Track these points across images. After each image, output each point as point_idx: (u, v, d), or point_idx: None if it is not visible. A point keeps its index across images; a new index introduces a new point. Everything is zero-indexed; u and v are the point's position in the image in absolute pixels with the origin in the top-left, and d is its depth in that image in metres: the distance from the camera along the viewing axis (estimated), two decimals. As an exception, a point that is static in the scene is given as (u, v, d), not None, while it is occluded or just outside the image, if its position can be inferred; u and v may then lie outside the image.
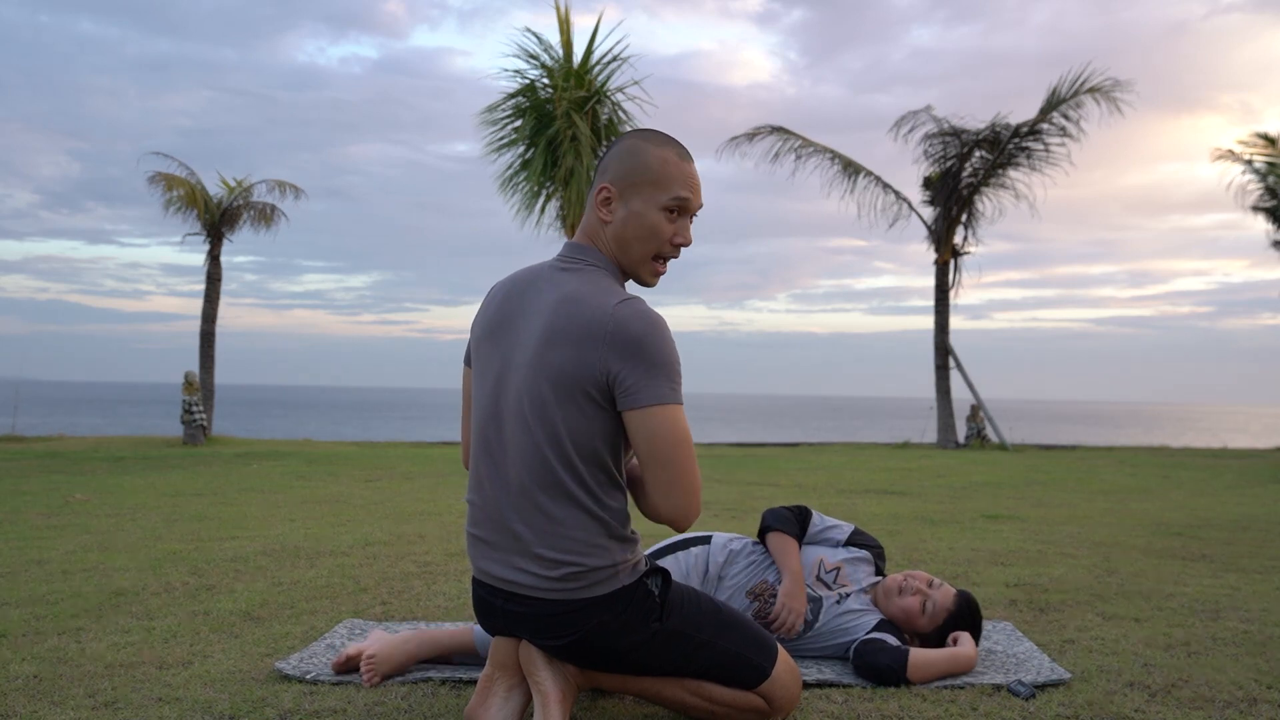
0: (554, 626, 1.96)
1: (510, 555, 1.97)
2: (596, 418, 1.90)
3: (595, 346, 1.87)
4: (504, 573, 1.98)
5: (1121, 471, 10.18)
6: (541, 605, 1.95)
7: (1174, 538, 5.03)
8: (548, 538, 1.92)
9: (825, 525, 2.89)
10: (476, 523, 2.05)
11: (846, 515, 5.83)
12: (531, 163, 14.90)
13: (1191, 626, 3.04)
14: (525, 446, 1.93)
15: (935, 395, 16.47)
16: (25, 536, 4.78)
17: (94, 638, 2.83)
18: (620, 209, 1.99)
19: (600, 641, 1.98)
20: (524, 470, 1.94)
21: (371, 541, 4.64)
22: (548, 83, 15.20)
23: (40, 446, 12.76)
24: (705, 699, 2.11)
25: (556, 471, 1.91)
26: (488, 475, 2.01)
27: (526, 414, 1.93)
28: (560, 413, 1.90)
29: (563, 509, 1.92)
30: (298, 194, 17.22)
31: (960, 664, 2.51)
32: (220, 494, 6.91)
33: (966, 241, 16.65)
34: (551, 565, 1.92)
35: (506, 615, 2.02)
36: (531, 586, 1.95)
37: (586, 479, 1.92)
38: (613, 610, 1.94)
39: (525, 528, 1.94)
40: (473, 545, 2.06)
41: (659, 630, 2.01)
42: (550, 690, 1.99)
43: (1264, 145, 16.45)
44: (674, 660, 2.06)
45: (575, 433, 1.90)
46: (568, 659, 2.04)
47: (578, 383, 1.88)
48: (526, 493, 1.94)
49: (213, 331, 16.69)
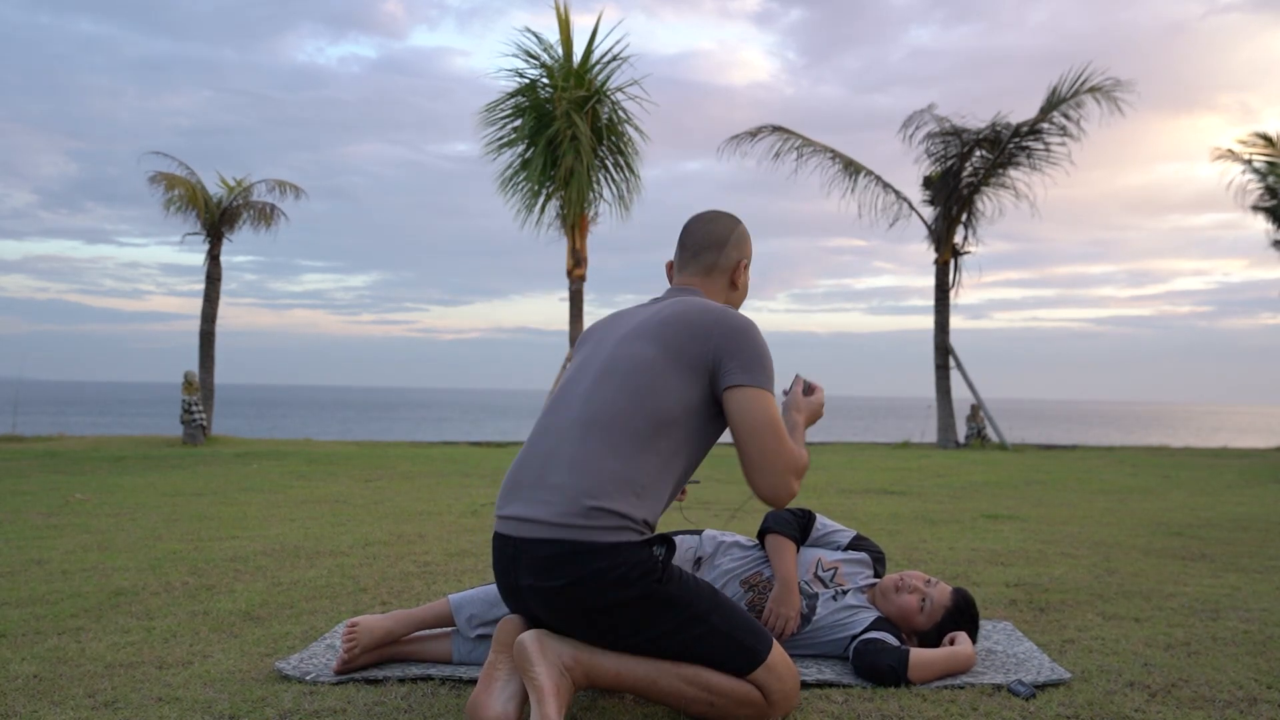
0: (555, 566, 2.02)
1: (538, 490, 2.08)
2: (692, 387, 2.11)
3: (709, 333, 2.13)
4: (525, 510, 2.08)
5: (1121, 471, 10.18)
6: (549, 546, 2.02)
7: (1174, 537, 5.03)
8: (582, 467, 2.05)
9: (827, 530, 2.89)
10: (518, 466, 2.17)
11: (846, 515, 5.83)
12: (531, 162, 14.88)
13: (1191, 626, 3.04)
14: (602, 392, 2.12)
15: (935, 395, 16.47)
16: (25, 536, 4.78)
17: (94, 637, 2.83)
18: (745, 277, 2.43)
19: (594, 592, 2.01)
20: (591, 410, 2.11)
21: (371, 541, 4.64)
22: (547, 82, 15.19)
23: (40, 446, 12.76)
24: (702, 688, 2.09)
25: (623, 417, 2.08)
26: (551, 423, 2.17)
27: (619, 368, 2.14)
28: (661, 369, 2.11)
29: (610, 449, 2.06)
30: (298, 194, 17.23)
31: (960, 663, 2.51)
32: (220, 494, 6.91)
33: (966, 241, 16.66)
34: (572, 498, 2.02)
35: (517, 564, 2.08)
36: (544, 522, 2.04)
37: (644, 437, 2.07)
38: (612, 559, 2.00)
39: (567, 460, 2.07)
40: (505, 490, 2.17)
41: (655, 592, 2.04)
42: (545, 684, 1.97)
43: (1263, 145, 16.46)
44: (666, 630, 2.06)
45: (665, 391, 2.10)
46: (564, 621, 2.06)
47: (686, 351, 2.12)
48: (585, 426, 2.09)
49: (212, 331, 16.69)
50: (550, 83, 15.13)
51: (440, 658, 2.60)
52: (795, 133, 16.17)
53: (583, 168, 14.62)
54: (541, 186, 15.12)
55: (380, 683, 2.42)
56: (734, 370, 2.10)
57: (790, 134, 16.15)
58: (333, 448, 13.83)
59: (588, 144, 14.61)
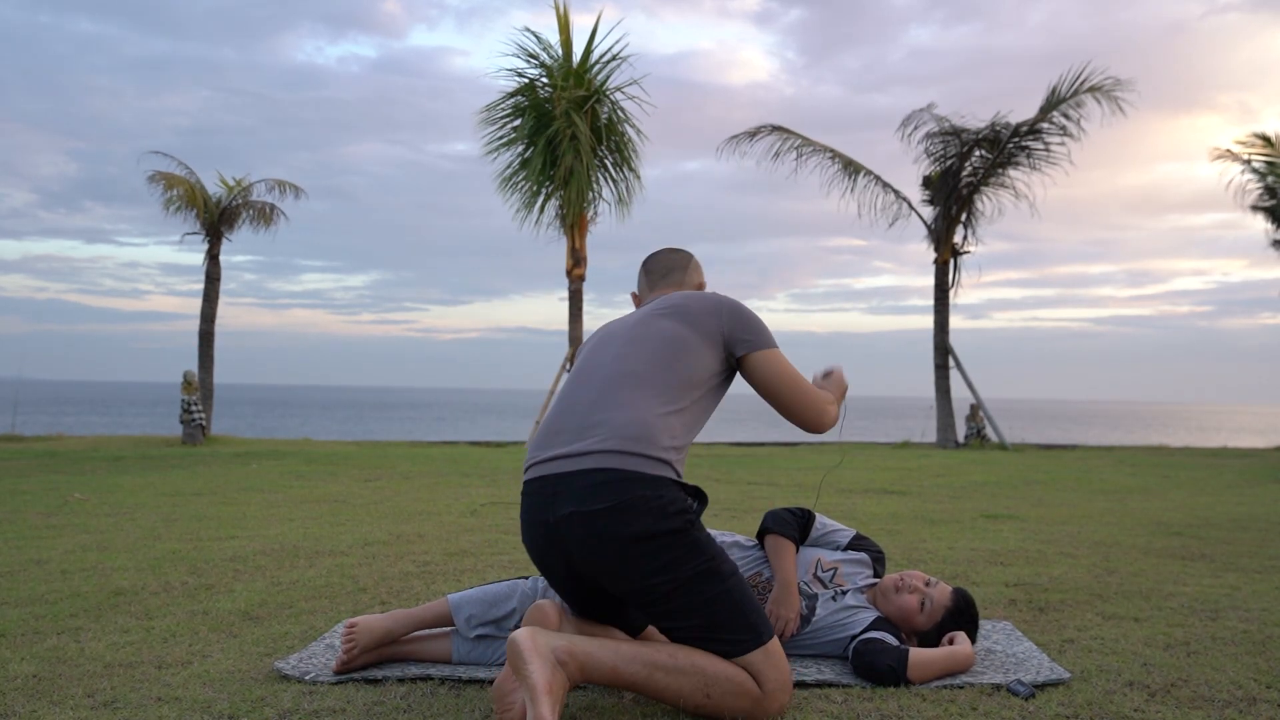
0: (599, 490, 2.13)
1: (582, 431, 2.22)
2: (711, 355, 2.35)
3: (718, 311, 2.41)
4: (568, 448, 2.21)
5: (1121, 471, 10.19)
6: (594, 474, 2.14)
7: (1173, 537, 5.03)
8: (626, 410, 2.22)
9: (827, 529, 2.89)
10: (555, 416, 2.31)
11: (846, 515, 5.83)
12: (531, 162, 14.88)
13: (1191, 626, 3.04)
14: (635, 353, 2.33)
15: (935, 395, 16.47)
16: (24, 536, 4.77)
17: (93, 637, 2.83)
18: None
19: (635, 518, 2.10)
20: (626, 366, 2.31)
21: (370, 541, 4.64)
22: (547, 82, 15.18)
23: (39, 446, 12.75)
24: (699, 677, 2.10)
25: (657, 374, 2.29)
26: (584, 380, 2.34)
27: (647, 335, 2.36)
28: (685, 337, 2.34)
29: (648, 398, 2.25)
30: (297, 193, 17.22)
31: (959, 663, 2.51)
32: (219, 494, 6.91)
33: (966, 241, 16.66)
34: (617, 433, 2.18)
35: (556, 499, 2.17)
36: (590, 453, 2.17)
37: (675, 394, 2.28)
38: (654, 489, 2.14)
39: (610, 404, 2.24)
40: (540, 440, 2.29)
41: (688, 533, 2.15)
42: (538, 681, 1.94)
43: (1262, 145, 16.46)
44: (689, 575, 2.12)
45: (690, 355, 2.33)
46: (597, 550, 2.12)
47: (703, 324, 2.37)
48: (622, 378, 2.28)
49: (212, 331, 16.69)
50: (550, 82, 15.13)
51: (439, 657, 2.60)
52: (795, 132, 16.17)
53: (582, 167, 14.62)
54: (541, 186, 15.11)
55: (379, 682, 2.42)
56: (746, 339, 2.38)
57: (790, 134, 16.15)
58: (332, 447, 13.83)
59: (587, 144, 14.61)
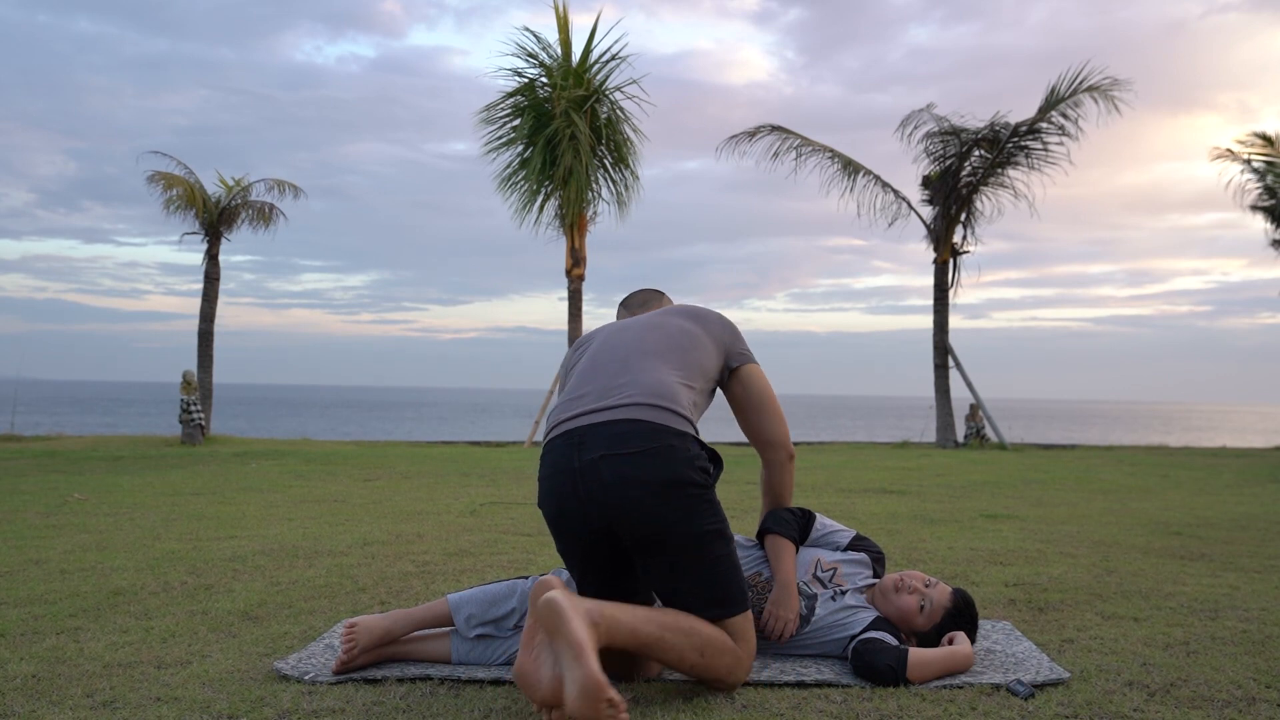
0: (630, 437, 2.27)
1: (605, 393, 2.38)
2: (715, 357, 2.59)
3: (721, 323, 2.68)
4: (595, 404, 2.35)
5: (1121, 471, 10.19)
6: (625, 425, 2.29)
7: (1173, 537, 5.03)
8: (651, 375, 2.41)
9: (827, 530, 2.89)
10: (579, 384, 2.45)
11: (846, 515, 5.83)
12: (530, 161, 14.87)
13: (1190, 626, 3.04)
14: (654, 337, 2.53)
15: (934, 395, 16.47)
16: (23, 536, 4.77)
17: (92, 637, 2.83)
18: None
19: (665, 464, 2.25)
20: (647, 346, 2.50)
21: (370, 541, 4.64)
22: (546, 81, 15.18)
23: (38, 446, 12.75)
24: (697, 641, 2.24)
25: (675, 356, 2.49)
26: (606, 355, 2.50)
27: (663, 325, 2.58)
28: (696, 334, 2.57)
29: (666, 369, 2.45)
30: (296, 193, 17.20)
31: (959, 663, 2.51)
32: (218, 493, 6.90)
33: (965, 241, 16.66)
34: (645, 390, 2.35)
35: (583, 447, 2.29)
36: (620, 405, 2.33)
37: (689, 371, 2.49)
38: (682, 442, 2.30)
39: (636, 370, 2.43)
40: (563, 405, 2.42)
41: (708, 490, 2.32)
42: (583, 637, 1.98)
43: (1262, 145, 16.47)
44: (705, 531, 2.28)
45: (701, 350, 2.55)
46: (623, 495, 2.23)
47: (710, 330, 2.62)
48: (644, 355, 2.47)
49: (211, 331, 16.68)
50: (549, 82, 15.12)
51: (439, 657, 2.60)
52: (794, 132, 16.16)
53: (581, 167, 14.61)
54: (540, 186, 15.11)
55: (379, 682, 2.42)
56: (742, 353, 2.66)
57: (789, 133, 16.15)
58: (331, 447, 13.83)
59: (587, 143, 14.61)
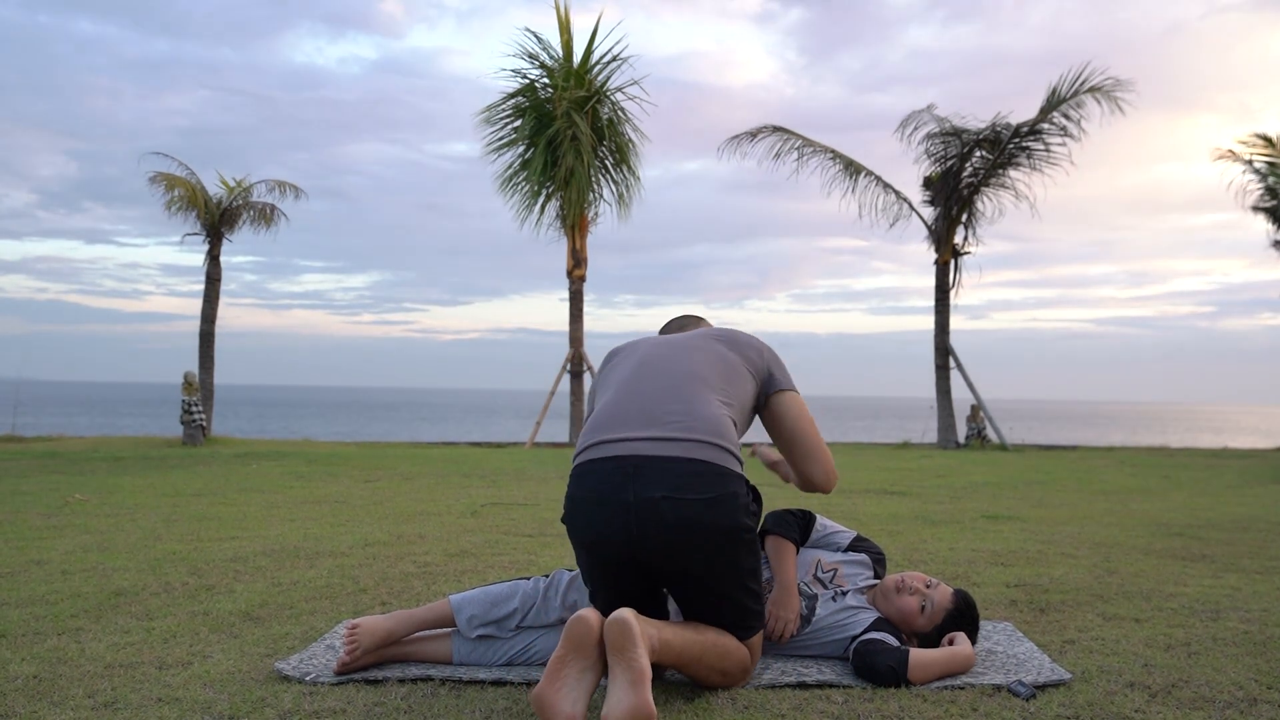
0: (697, 481, 2.20)
1: (655, 419, 2.28)
2: (751, 388, 2.50)
3: (760, 350, 2.58)
4: (647, 431, 2.26)
5: (1122, 471, 10.18)
6: (689, 464, 2.21)
7: (1174, 538, 5.03)
8: (701, 406, 2.32)
9: (828, 531, 2.89)
10: (616, 405, 2.35)
11: (847, 515, 5.83)
12: (531, 162, 14.88)
13: (1192, 627, 3.04)
14: (697, 360, 2.43)
15: (935, 395, 16.47)
16: (25, 536, 4.77)
17: (93, 638, 2.83)
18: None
19: (728, 513, 2.21)
20: (692, 369, 2.41)
21: (371, 542, 4.64)
22: (547, 82, 15.19)
23: (40, 446, 12.76)
24: (727, 657, 2.31)
25: (718, 380, 2.41)
26: (648, 375, 2.41)
27: (704, 351, 2.47)
28: (735, 363, 2.48)
29: (715, 400, 2.36)
30: (297, 194, 17.21)
31: (959, 664, 2.51)
32: (220, 494, 6.91)
33: (966, 241, 16.66)
34: (700, 425, 2.26)
35: (639, 479, 2.19)
36: (680, 440, 2.24)
37: (733, 403, 2.40)
38: (740, 488, 2.27)
39: (684, 398, 2.32)
40: (602, 425, 2.32)
41: (753, 533, 2.30)
42: (644, 666, 2.03)
43: (1263, 145, 16.46)
44: (745, 570, 2.30)
45: (740, 380, 2.47)
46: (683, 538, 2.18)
47: (748, 358, 2.52)
48: (689, 379, 2.38)
49: (212, 332, 16.69)
50: (550, 83, 15.14)
51: (440, 658, 2.60)
52: (795, 133, 16.17)
53: (583, 168, 14.62)
54: (541, 187, 15.12)
55: (380, 683, 2.42)
56: (778, 382, 2.55)
57: (790, 134, 16.15)
58: (332, 448, 13.84)
59: (588, 144, 14.61)
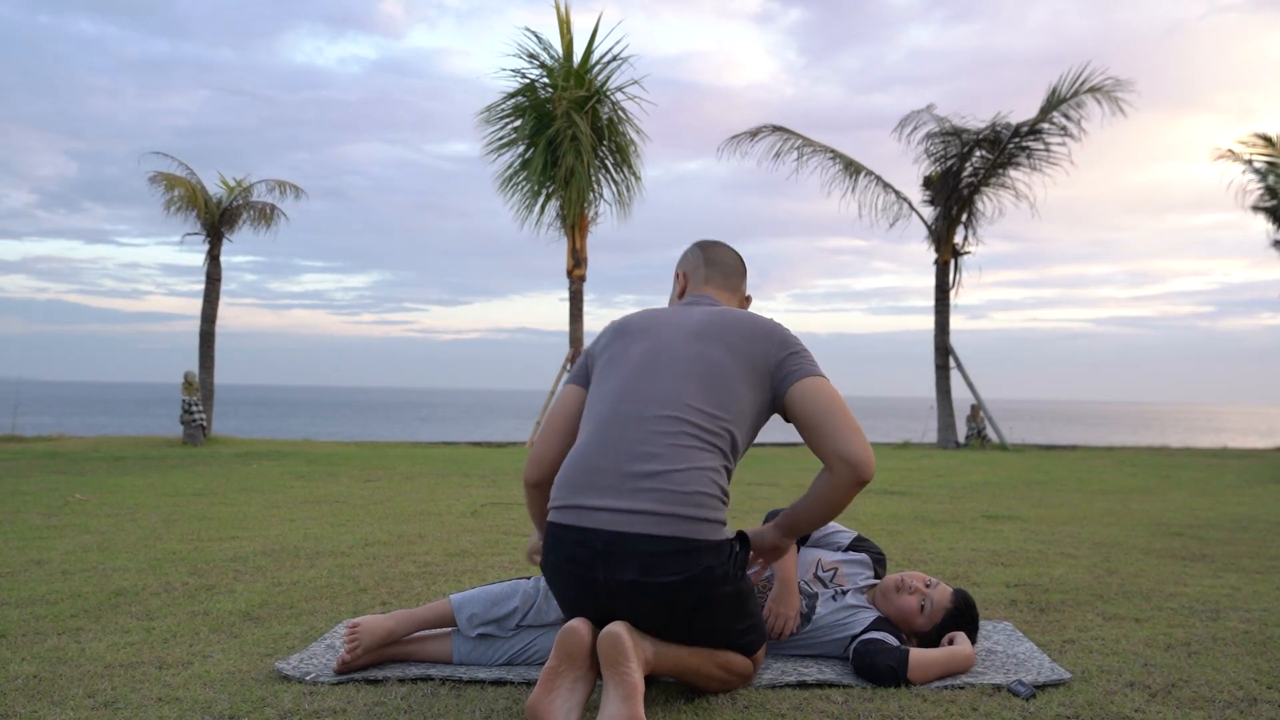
0: (666, 562, 2.08)
1: (629, 481, 2.12)
2: (757, 391, 2.28)
3: (769, 338, 2.33)
4: (618, 501, 2.10)
5: (1122, 471, 10.19)
6: (658, 541, 2.08)
7: (1174, 538, 5.03)
8: (679, 463, 2.13)
9: (829, 530, 2.90)
10: (592, 453, 2.19)
11: (846, 515, 5.83)
12: (531, 162, 14.88)
13: (1192, 626, 3.04)
14: (684, 391, 2.22)
15: (935, 395, 16.47)
16: (25, 536, 4.77)
17: (94, 638, 2.83)
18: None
19: (704, 588, 2.11)
20: (675, 408, 2.19)
21: (371, 542, 4.64)
22: (547, 82, 15.19)
23: (40, 446, 12.76)
24: (728, 670, 2.28)
25: (708, 419, 2.20)
26: (628, 412, 2.22)
27: (695, 370, 2.25)
28: (733, 373, 2.26)
29: (700, 447, 2.17)
30: (297, 194, 17.20)
31: (959, 663, 2.51)
32: (220, 494, 6.91)
33: (966, 241, 16.66)
34: (675, 493, 2.09)
35: (609, 558, 2.09)
36: (649, 514, 2.08)
37: (724, 438, 2.20)
38: (718, 558, 2.13)
39: (660, 452, 2.14)
40: (577, 478, 2.18)
41: (742, 587, 2.22)
42: (637, 681, 2.02)
43: (1263, 145, 16.47)
44: (740, 622, 2.24)
45: (738, 394, 2.25)
46: (662, 616, 2.12)
47: (752, 355, 2.29)
48: (672, 422, 2.17)
49: (212, 331, 16.69)
50: (550, 82, 15.13)
51: (440, 658, 2.60)
52: (795, 133, 16.17)
53: (583, 167, 14.62)
54: (541, 186, 15.12)
55: (380, 683, 2.42)
56: (795, 369, 2.30)
57: (790, 134, 16.15)
58: (332, 448, 13.84)
59: (588, 144, 14.61)
